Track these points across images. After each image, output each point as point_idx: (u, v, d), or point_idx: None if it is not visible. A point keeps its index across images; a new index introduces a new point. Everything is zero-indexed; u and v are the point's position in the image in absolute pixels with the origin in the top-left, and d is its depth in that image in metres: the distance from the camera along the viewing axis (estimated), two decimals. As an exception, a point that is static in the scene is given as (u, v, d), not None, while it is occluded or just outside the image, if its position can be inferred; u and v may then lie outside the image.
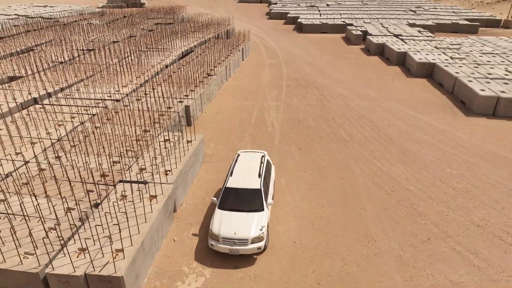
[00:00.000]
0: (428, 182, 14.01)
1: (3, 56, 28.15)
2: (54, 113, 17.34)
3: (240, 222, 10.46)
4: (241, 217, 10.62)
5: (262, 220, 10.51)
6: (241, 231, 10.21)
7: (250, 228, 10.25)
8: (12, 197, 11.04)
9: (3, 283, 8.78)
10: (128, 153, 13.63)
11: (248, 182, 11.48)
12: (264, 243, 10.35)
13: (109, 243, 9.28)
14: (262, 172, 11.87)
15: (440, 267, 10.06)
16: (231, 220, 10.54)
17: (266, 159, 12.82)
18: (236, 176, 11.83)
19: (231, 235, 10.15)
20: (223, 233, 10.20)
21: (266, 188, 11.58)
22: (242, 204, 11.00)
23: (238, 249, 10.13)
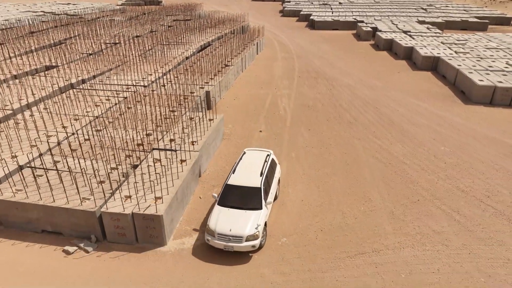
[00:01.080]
0: (423, 157, 15.74)
1: (38, 48, 30.64)
2: (90, 96, 19.55)
3: (237, 220, 10.52)
4: (238, 215, 10.68)
5: (259, 219, 10.56)
6: (236, 228, 10.26)
7: (246, 226, 10.29)
8: (66, 159, 13.19)
9: (68, 221, 10.91)
10: (158, 128, 15.70)
11: (249, 180, 11.49)
12: (260, 241, 10.37)
13: (149, 192, 11.34)
14: (264, 171, 11.88)
15: (426, 220, 11.84)
16: (228, 217, 10.62)
17: (271, 158, 12.80)
18: (238, 173, 11.93)
19: (226, 231, 10.23)
20: (218, 229, 10.31)
21: (267, 187, 11.60)
22: (241, 201, 11.05)
23: (233, 246, 10.19)
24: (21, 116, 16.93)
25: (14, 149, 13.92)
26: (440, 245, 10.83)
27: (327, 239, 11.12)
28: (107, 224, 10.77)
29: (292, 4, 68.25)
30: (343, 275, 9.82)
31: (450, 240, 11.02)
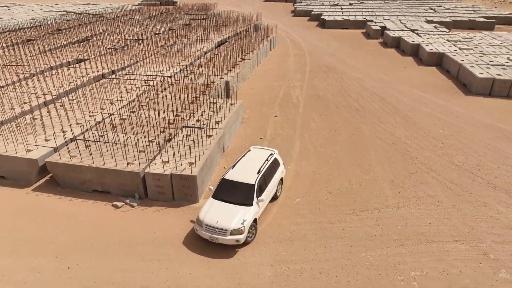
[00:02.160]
0: (423, 138, 17.47)
1: (67, 44, 33.03)
2: (121, 85, 21.67)
3: (225, 213, 10.82)
4: (228, 209, 10.98)
5: (247, 215, 10.77)
6: (222, 221, 10.55)
7: (232, 220, 10.55)
8: (108, 135, 15.26)
9: (115, 181, 12.95)
10: (185, 111, 17.70)
11: (245, 177, 11.73)
12: (245, 236, 10.56)
13: (184, 159, 13.32)
14: (262, 169, 12.06)
15: (422, 187, 13.61)
16: (218, 210, 10.96)
17: (274, 158, 12.99)
18: (236, 169, 12.25)
19: (213, 223, 10.58)
20: (206, 221, 10.67)
21: (263, 184, 11.79)
22: (233, 196, 11.34)
23: (218, 238, 10.52)
24: (65, 100, 19.09)
25: (62, 126, 16.05)
26: (433, 205, 12.60)
27: (335, 200, 12.97)
28: (149, 184, 12.77)
29: (303, 4, 70.08)
30: (348, 226, 11.66)
31: (441, 202, 12.77)
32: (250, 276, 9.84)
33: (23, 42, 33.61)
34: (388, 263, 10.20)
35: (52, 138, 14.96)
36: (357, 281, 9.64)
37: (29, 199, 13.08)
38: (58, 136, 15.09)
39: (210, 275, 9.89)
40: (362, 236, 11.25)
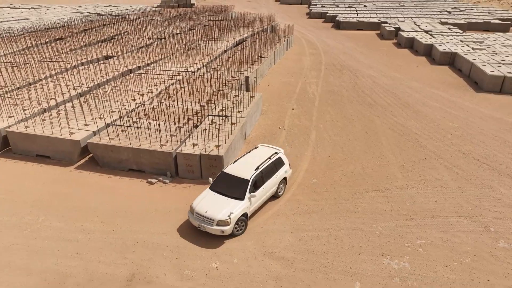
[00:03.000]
0: (433, 130, 18.48)
1: (93, 42, 34.92)
2: (148, 79, 23.22)
3: (216, 204, 11.23)
4: (220, 200, 11.38)
5: (236, 208, 11.06)
6: (211, 211, 10.97)
7: (220, 211, 10.91)
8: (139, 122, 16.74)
9: (150, 160, 14.38)
10: (210, 102, 19.09)
11: (242, 172, 12.02)
12: (231, 229, 10.90)
13: (211, 143, 14.67)
14: (261, 166, 12.28)
15: (430, 172, 14.66)
16: (210, 200, 11.40)
17: (278, 157, 13.12)
18: (237, 164, 12.64)
19: (202, 212, 11.05)
20: (197, 209, 11.19)
21: (259, 181, 12.00)
22: (228, 189, 11.68)
23: (205, 227, 10.96)
24: (99, 91, 20.71)
25: (99, 113, 17.62)
26: (440, 187, 13.65)
27: (349, 181, 14.14)
28: (180, 163, 14.16)
29: (318, 6, 71.21)
30: (360, 202, 12.83)
31: (448, 184, 13.82)
32: (273, 240, 11.10)
33: (53, 40, 35.67)
34: (396, 233, 11.33)
35: (91, 123, 16.53)
36: (368, 246, 10.80)
37: (73, 175, 14.62)
38: (96, 122, 16.65)
39: (237, 238, 11.19)
40: (373, 211, 12.40)
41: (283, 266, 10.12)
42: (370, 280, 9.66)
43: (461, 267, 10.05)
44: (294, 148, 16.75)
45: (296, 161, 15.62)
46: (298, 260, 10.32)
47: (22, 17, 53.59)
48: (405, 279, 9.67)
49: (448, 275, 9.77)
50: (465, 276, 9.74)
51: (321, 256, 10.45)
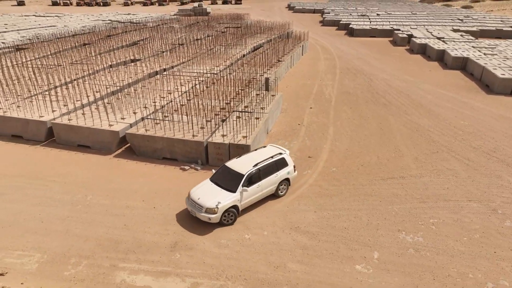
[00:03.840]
0: (445, 127, 19.51)
1: (119, 47, 36.84)
2: (174, 79, 24.77)
3: (209, 193, 11.95)
4: (214, 190, 12.09)
5: (225, 199, 11.68)
6: (203, 199, 11.74)
7: (209, 200, 11.61)
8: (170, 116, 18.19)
9: (182, 149, 15.76)
10: (233, 100, 20.47)
11: (240, 167, 12.58)
12: (218, 217, 11.52)
13: (238, 134, 15.99)
14: (260, 164, 12.72)
15: (442, 163, 15.71)
16: (206, 189, 12.17)
17: (281, 157, 13.36)
18: (239, 159, 13.24)
19: (195, 199, 11.87)
20: (192, 196, 12.06)
21: (255, 178, 12.46)
22: (224, 181, 12.36)
23: (195, 212, 11.74)
24: (130, 90, 22.29)
25: (133, 108, 19.15)
26: (451, 176, 14.70)
27: (366, 170, 15.28)
28: (211, 151, 15.50)
29: (331, 15, 72.72)
30: (377, 188, 13.95)
31: (459, 173, 14.85)
32: (298, 217, 12.29)
33: (81, 45, 37.72)
34: (411, 213, 12.42)
35: (126, 117, 18.04)
36: (384, 223, 11.92)
37: (112, 162, 16.08)
38: (131, 116, 18.16)
39: (266, 215, 12.42)
40: (389, 195, 13.51)
41: (308, 238, 11.29)
42: (387, 250, 10.77)
43: (470, 241, 11.08)
44: (314, 142, 17.98)
45: (316, 153, 16.84)
46: (321, 234, 11.49)
47: (48, 25, 56.20)
48: (419, 250, 10.75)
49: (458, 247, 10.82)
50: (474, 249, 10.77)
51: (342, 231, 11.60)
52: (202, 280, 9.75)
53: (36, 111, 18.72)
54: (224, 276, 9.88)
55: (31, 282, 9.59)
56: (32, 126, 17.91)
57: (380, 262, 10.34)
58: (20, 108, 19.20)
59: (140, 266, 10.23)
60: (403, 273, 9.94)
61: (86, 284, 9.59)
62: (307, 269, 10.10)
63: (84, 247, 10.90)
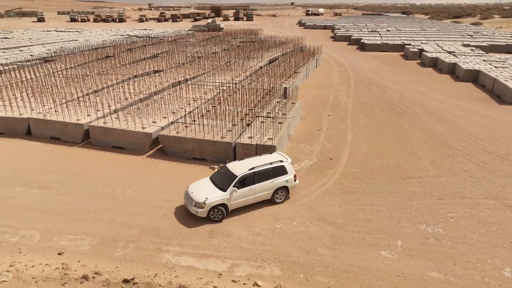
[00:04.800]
0: (459, 133, 20.34)
1: (140, 59, 38.54)
2: (197, 88, 26.07)
3: (202, 189, 12.75)
4: (208, 187, 12.88)
5: (214, 196, 12.36)
6: (195, 194, 12.61)
7: (200, 195, 12.41)
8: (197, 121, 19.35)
9: (212, 150, 16.83)
10: (256, 107, 21.61)
11: (237, 169, 13.16)
12: (205, 212, 12.24)
13: (264, 136, 17.04)
14: (257, 168, 13.11)
15: (458, 165, 16.52)
16: (201, 186, 13.01)
17: (281, 165, 13.53)
18: (241, 162, 13.81)
19: (190, 193, 12.83)
20: (188, 190, 13.05)
21: (249, 181, 12.87)
22: (219, 180, 13.12)
23: (188, 205, 12.63)
24: (156, 97, 23.60)
25: (159, 115, 20.38)
26: (467, 176, 15.49)
27: (385, 170, 16.15)
28: (239, 152, 16.54)
29: (342, 30, 74.46)
30: (397, 186, 14.80)
31: (474, 174, 15.64)
32: (324, 210, 13.17)
33: (104, 58, 39.52)
34: (430, 208, 13.23)
35: (157, 121, 19.24)
36: (406, 217, 12.74)
37: (146, 162, 17.20)
38: (161, 120, 19.36)
39: (294, 209, 13.33)
40: (408, 192, 14.34)
41: (335, 228, 12.16)
42: (410, 239, 11.57)
43: (488, 233, 11.84)
44: (334, 146, 18.93)
45: (337, 155, 17.79)
46: (347, 225, 12.35)
47: (70, 39, 58.61)
48: (439, 239, 11.53)
49: (476, 238, 11.58)
50: (491, 239, 11.52)
51: (367, 222, 12.45)
52: (241, 262, 10.65)
53: (73, 115, 20.04)
54: (260, 259, 10.77)
55: (86, 260, 10.58)
56: (70, 128, 19.20)
57: (403, 249, 11.14)
58: (57, 112, 20.56)
59: (182, 249, 11.18)
60: (426, 258, 10.73)
61: (135, 263, 10.55)
62: (336, 254, 10.94)
63: (129, 233, 11.90)
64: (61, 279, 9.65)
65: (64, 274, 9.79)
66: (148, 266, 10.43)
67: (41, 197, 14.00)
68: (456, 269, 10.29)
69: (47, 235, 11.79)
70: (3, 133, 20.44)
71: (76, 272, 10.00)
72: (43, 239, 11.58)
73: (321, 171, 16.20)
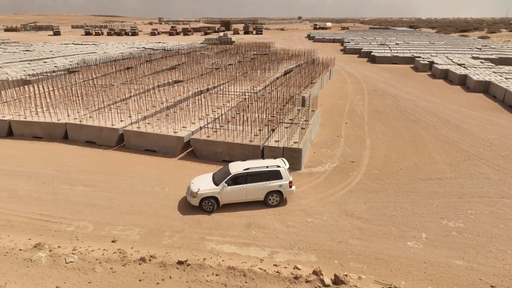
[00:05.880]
0: (473, 140, 21.25)
1: (159, 71, 40.12)
2: (220, 97, 27.34)
3: (200, 182, 14.15)
4: (205, 181, 14.23)
5: (205, 188, 13.67)
6: (193, 185, 14.06)
7: (195, 187, 13.86)
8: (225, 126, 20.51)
9: (241, 152, 17.93)
10: (277, 114, 22.76)
11: (235, 168, 14.21)
12: (196, 202, 13.62)
13: (289, 140, 18.14)
14: (251, 170, 13.98)
15: (474, 168, 17.42)
16: (201, 179, 14.43)
17: (276, 169, 14.09)
18: (242, 162, 14.84)
19: (190, 184, 14.36)
20: (191, 181, 14.51)
21: (241, 180, 13.83)
22: (217, 175, 14.46)
23: (187, 194, 14.16)
24: (182, 105, 24.88)
25: (187, 121, 21.61)
26: (483, 178, 16.38)
27: (405, 172, 17.10)
28: (266, 154, 17.62)
29: (352, 44, 76.02)
30: (417, 186, 15.73)
31: (490, 176, 16.53)
32: (351, 207, 14.13)
33: (125, 69, 41.18)
34: (450, 206, 14.13)
35: (187, 126, 20.45)
36: (428, 213, 13.64)
37: (178, 164, 18.34)
38: (191, 125, 20.57)
39: (322, 205, 14.30)
40: (429, 192, 15.26)
41: (362, 222, 13.10)
42: (433, 232, 12.47)
43: (506, 227, 12.70)
44: (354, 150, 19.95)
45: (357, 158, 18.79)
46: (374, 219, 13.29)
47: (89, 51, 60.74)
48: (461, 233, 12.42)
49: (496, 232, 12.45)
50: (510, 233, 12.38)
51: (392, 217, 13.38)
52: (279, 250, 11.62)
53: (107, 121, 21.34)
54: (297, 247, 11.73)
55: (139, 247, 11.63)
56: (105, 133, 20.46)
57: (428, 240, 12.04)
58: (91, 118, 21.88)
59: (224, 239, 12.19)
60: (450, 248, 11.62)
61: (183, 250, 11.57)
62: (366, 244, 11.88)
63: (173, 225, 12.96)
64: (121, 260, 10.70)
65: (124, 257, 10.83)
66: (195, 252, 11.44)
67: (87, 194, 15.15)
68: (478, 258, 11.16)
69: (99, 225, 12.88)
70: (41, 137, 21.77)
71: (132, 255, 11.04)
72: (96, 229, 12.67)
73: (344, 173, 17.19)
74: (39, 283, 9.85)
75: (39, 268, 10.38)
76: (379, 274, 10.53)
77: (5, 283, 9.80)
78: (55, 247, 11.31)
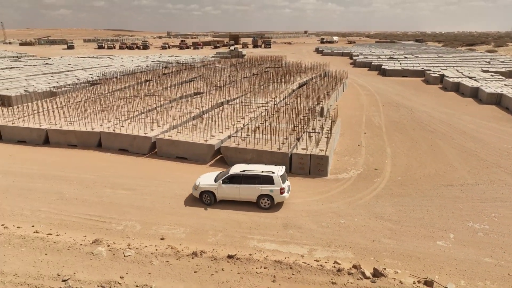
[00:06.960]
0: (491, 149, 22.05)
1: (178, 83, 41.49)
2: (240, 108, 28.47)
3: (205, 178, 15.92)
4: (209, 177, 16.01)
5: (205, 183, 15.40)
6: (199, 179, 15.87)
7: (199, 181, 15.63)
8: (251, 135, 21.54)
9: (270, 159, 18.89)
10: (299, 124, 23.78)
11: (233, 170, 15.71)
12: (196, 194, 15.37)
13: (315, 148, 19.08)
14: (246, 172, 15.32)
15: (493, 175, 18.19)
16: (207, 176, 16.23)
17: (269, 175, 15.04)
18: (246, 165, 16.25)
19: (198, 178, 16.18)
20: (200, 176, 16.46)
21: (235, 180, 15.20)
22: (221, 175, 15.97)
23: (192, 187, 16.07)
24: (206, 116, 26.00)
25: (214, 130, 22.68)
26: (504, 184, 17.15)
27: (427, 179, 17.92)
28: (294, 161, 18.56)
29: (361, 57, 77.42)
30: (440, 192, 16.53)
31: (510, 183, 17.30)
32: (379, 210, 14.96)
33: (144, 81, 42.63)
34: (474, 209, 14.91)
35: (215, 135, 21.51)
36: (453, 216, 14.43)
37: (210, 170, 19.25)
38: (219, 133, 21.63)
39: (353, 208, 15.16)
40: (452, 196, 16.06)
41: (392, 223, 13.92)
42: (460, 233, 13.25)
43: (529, 229, 13.46)
44: (376, 158, 20.83)
45: (380, 166, 19.66)
46: (402, 221, 14.10)
47: (106, 64, 62.62)
48: (487, 234, 13.19)
49: (520, 233, 13.23)
50: (533, 234, 13.14)
51: (419, 219, 14.19)
52: (317, 247, 12.47)
53: (138, 130, 22.47)
54: (333, 245, 12.57)
55: (186, 244, 12.53)
56: (138, 141, 21.57)
57: (456, 240, 12.82)
58: (123, 127, 23.04)
59: (264, 237, 13.07)
60: (477, 247, 12.39)
61: (228, 246, 12.46)
62: (398, 243, 12.69)
63: (215, 224, 13.88)
64: (175, 255, 11.61)
65: (176, 251, 11.74)
66: (239, 248, 12.32)
67: (129, 197, 16.15)
68: (506, 256, 11.91)
69: (146, 225, 13.83)
70: (76, 145, 22.94)
71: (183, 251, 11.95)
72: (144, 228, 13.62)
73: (369, 179, 18.05)
74: (104, 273, 10.77)
75: (102, 261, 11.32)
76: (413, 270, 11.33)
77: (74, 273, 10.73)
78: (111, 243, 12.26)
